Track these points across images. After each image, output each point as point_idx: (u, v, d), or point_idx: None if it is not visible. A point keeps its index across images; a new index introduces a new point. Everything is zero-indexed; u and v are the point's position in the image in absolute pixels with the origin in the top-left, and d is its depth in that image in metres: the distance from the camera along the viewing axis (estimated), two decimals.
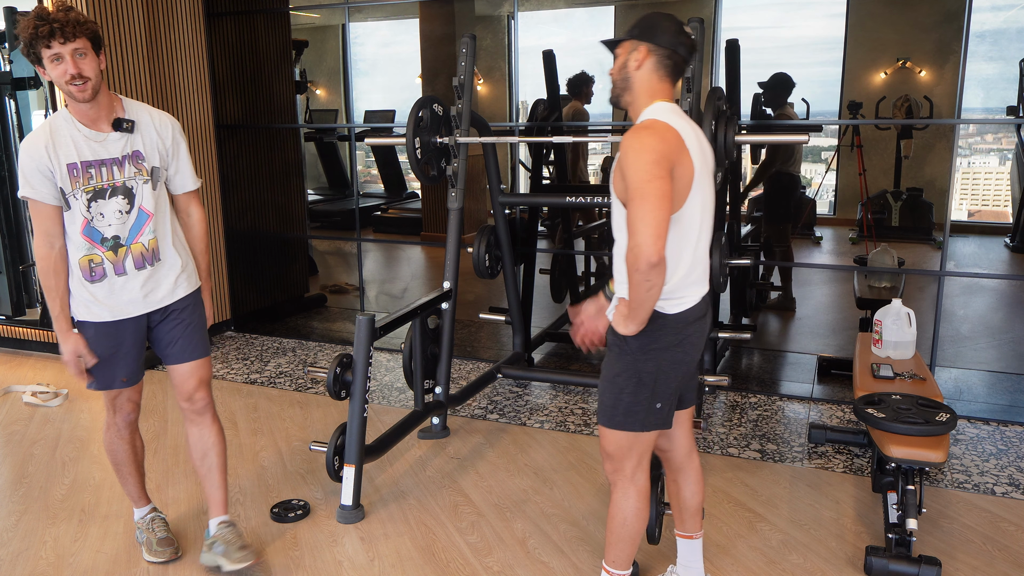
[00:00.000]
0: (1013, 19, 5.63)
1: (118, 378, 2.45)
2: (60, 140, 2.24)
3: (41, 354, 4.95)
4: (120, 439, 2.58)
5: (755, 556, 2.62)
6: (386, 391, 4.27)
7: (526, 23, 6.13)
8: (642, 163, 1.84)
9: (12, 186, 4.98)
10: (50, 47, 2.12)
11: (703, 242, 2.03)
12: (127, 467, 2.62)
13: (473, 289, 5.91)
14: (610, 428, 2.06)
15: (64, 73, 2.15)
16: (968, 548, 2.66)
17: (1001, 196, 6.65)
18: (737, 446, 3.47)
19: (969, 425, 3.70)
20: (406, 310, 3.19)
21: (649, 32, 1.95)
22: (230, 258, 5.34)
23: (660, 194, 1.82)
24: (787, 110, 4.80)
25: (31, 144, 2.23)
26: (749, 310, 5.12)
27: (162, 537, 2.63)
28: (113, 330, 2.39)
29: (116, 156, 2.29)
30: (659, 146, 1.86)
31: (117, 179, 2.29)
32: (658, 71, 1.97)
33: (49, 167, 2.22)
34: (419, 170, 3.42)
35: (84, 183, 2.25)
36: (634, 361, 2.00)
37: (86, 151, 2.25)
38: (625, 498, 2.09)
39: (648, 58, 1.96)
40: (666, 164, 1.85)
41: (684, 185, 1.91)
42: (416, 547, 2.70)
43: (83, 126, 2.26)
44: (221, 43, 5.25)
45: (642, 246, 1.81)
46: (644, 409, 2.02)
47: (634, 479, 2.08)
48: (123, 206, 2.31)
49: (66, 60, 2.14)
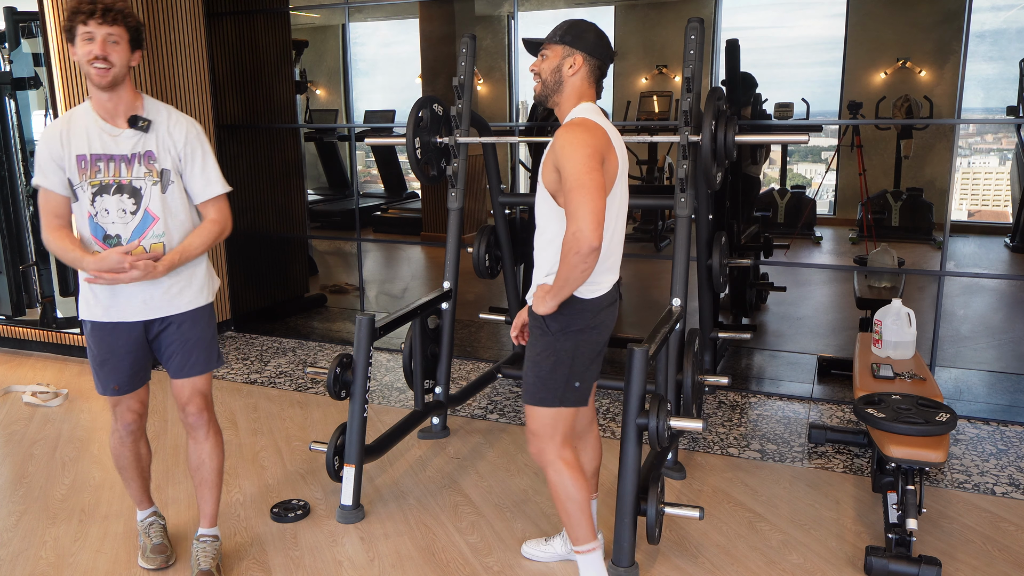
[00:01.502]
0: (1013, 19, 5.63)
1: (110, 385, 2.39)
2: (75, 130, 2.23)
3: (41, 354, 4.95)
4: (122, 445, 2.52)
5: (755, 556, 2.62)
6: (386, 391, 4.27)
7: (526, 23, 6.14)
8: (579, 156, 1.99)
9: (12, 186, 4.98)
10: (86, 24, 2.13)
11: (618, 233, 2.21)
12: (129, 472, 2.58)
13: (473, 289, 5.91)
14: (532, 405, 2.21)
15: (89, 52, 2.14)
16: (968, 548, 2.66)
17: (1001, 196, 6.66)
18: (737, 446, 3.47)
19: (969, 425, 3.70)
20: (406, 310, 3.19)
21: (582, 42, 2.13)
22: (230, 258, 5.35)
23: (597, 185, 1.98)
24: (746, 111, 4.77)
25: (48, 132, 2.24)
26: (749, 310, 5.12)
27: (156, 544, 2.59)
28: (107, 334, 2.34)
29: (126, 153, 2.25)
30: (592, 141, 2.02)
31: (124, 177, 2.24)
32: (588, 78, 2.16)
33: (61, 156, 2.22)
34: (419, 170, 3.42)
35: (91, 176, 2.23)
36: (553, 341, 2.17)
37: (97, 144, 2.23)
38: (559, 474, 2.22)
39: (583, 66, 2.15)
40: (599, 157, 2.02)
41: (610, 179, 2.08)
42: (416, 547, 2.70)
43: (100, 119, 2.24)
44: (221, 43, 5.25)
45: (584, 231, 1.95)
46: (562, 386, 2.19)
47: (561, 455, 2.22)
48: (128, 205, 2.26)
49: (96, 41, 2.13)
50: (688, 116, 2.96)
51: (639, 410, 2.41)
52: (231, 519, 2.90)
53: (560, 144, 2.02)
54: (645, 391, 2.44)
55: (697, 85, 3.01)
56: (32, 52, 4.75)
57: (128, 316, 2.32)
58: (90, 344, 2.38)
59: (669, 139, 3.12)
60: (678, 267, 3.01)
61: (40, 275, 5.03)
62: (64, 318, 4.91)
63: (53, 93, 4.41)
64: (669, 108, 6.57)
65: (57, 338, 4.88)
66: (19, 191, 4.98)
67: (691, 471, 3.22)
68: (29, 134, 4.93)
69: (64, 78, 4.37)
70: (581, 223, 1.95)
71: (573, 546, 2.28)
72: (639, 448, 2.44)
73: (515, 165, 5.51)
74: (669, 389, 2.94)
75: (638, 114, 6.75)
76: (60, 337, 4.86)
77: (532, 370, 2.21)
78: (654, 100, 6.72)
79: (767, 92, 4.91)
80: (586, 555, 2.27)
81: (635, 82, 6.70)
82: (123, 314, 2.31)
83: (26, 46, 4.76)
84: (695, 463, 3.30)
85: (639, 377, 2.42)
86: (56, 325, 4.92)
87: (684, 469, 3.20)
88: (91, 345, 2.38)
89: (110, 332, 2.33)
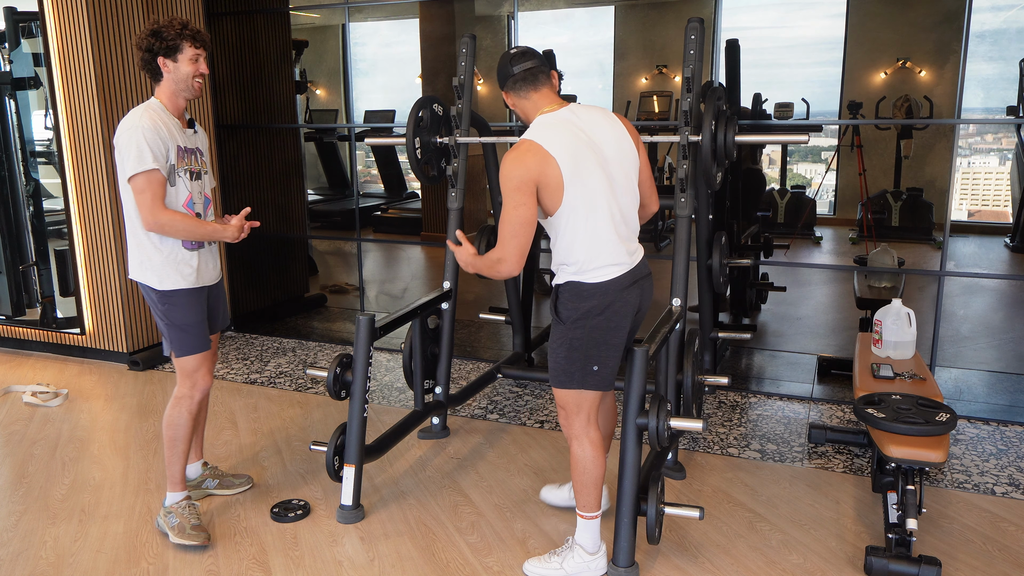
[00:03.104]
0: (1013, 19, 5.63)
1: (206, 340, 2.76)
2: (167, 124, 2.61)
3: (41, 354, 4.95)
4: (189, 413, 2.76)
5: (755, 556, 2.62)
6: (386, 391, 4.27)
7: (526, 23, 6.14)
8: (507, 190, 2.22)
9: (12, 186, 4.98)
10: (196, 48, 2.63)
11: (602, 226, 2.30)
12: (184, 443, 2.77)
13: (473, 289, 5.91)
14: (555, 387, 2.43)
15: (197, 70, 2.64)
16: (968, 548, 2.66)
17: (1001, 196, 6.66)
18: (737, 446, 3.47)
19: (969, 425, 3.70)
20: (406, 310, 3.19)
21: (500, 81, 2.38)
22: (230, 258, 5.34)
23: (521, 220, 2.21)
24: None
25: (153, 123, 2.56)
26: (749, 309, 5.12)
27: (196, 523, 2.71)
28: (198, 296, 2.72)
29: (195, 147, 2.72)
30: (518, 172, 2.21)
31: (198, 166, 2.72)
32: (522, 99, 2.36)
33: (167, 143, 2.59)
34: (419, 170, 3.42)
35: (187, 163, 2.67)
36: (566, 330, 2.35)
37: (181, 138, 2.66)
38: (582, 448, 2.42)
39: (511, 98, 2.38)
40: (527, 188, 2.21)
41: (553, 188, 2.23)
42: (416, 547, 2.71)
43: (174, 117, 2.66)
44: (221, 43, 5.25)
45: (507, 261, 2.24)
46: (579, 371, 2.36)
47: (587, 433, 2.42)
48: (204, 189, 2.75)
49: (201, 61, 2.65)
50: (688, 116, 2.96)
51: (639, 410, 2.42)
52: (231, 519, 2.90)
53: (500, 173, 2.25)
54: (645, 391, 2.44)
55: (697, 85, 3.01)
56: (32, 52, 4.75)
57: (212, 279, 2.79)
58: (185, 311, 2.69)
59: (669, 139, 3.12)
60: (678, 267, 3.01)
61: (40, 275, 5.03)
62: (64, 318, 4.91)
63: (53, 93, 4.42)
64: (669, 108, 6.57)
65: (57, 338, 4.88)
66: (19, 191, 4.98)
67: (691, 471, 3.22)
68: (29, 134, 4.93)
69: (64, 78, 4.37)
70: (504, 253, 2.24)
71: (579, 510, 2.47)
72: (639, 448, 2.44)
73: None
74: (669, 389, 2.94)
75: (638, 114, 6.75)
76: (60, 337, 4.86)
77: (552, 356, 2.41)
78: (654, 100, 6.72)
79: (767, 92, 4.91)
80: (587, 521, 2.46)
81: (635, 82, 6.70)
82: (212, 277, 2.78)
83: (26, 46, 4.76)
84: (695, 463, 3.30)
85: (639, 377, 2.42)
86: (56, 325, 4.92)
87: (684, 469, 3.20)
88: (187, 311, 2.69)
89: (198, 295, 2.73)
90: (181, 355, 2.72)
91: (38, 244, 5.02)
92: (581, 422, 2.41)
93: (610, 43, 6.83)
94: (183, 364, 2.73)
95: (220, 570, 2.58)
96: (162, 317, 2.69)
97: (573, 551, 2.47)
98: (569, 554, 2.47)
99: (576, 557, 2.45)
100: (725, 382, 3.19)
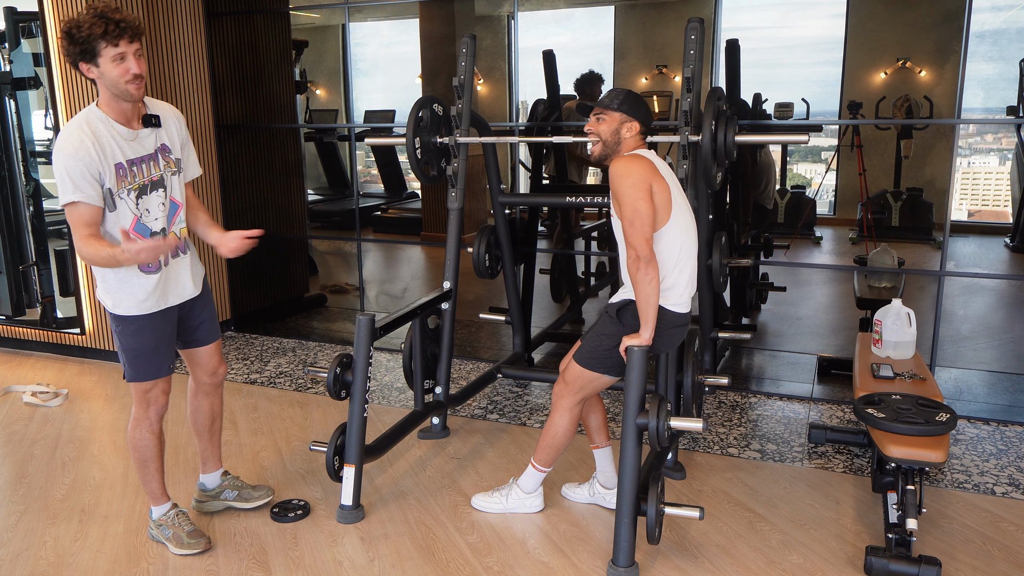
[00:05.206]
0: (1013, 19, 5.63)
1: (165, 367, 2.56)
2: (102, 140, 2.29)
3: (41, 354, 4.95)
4: (151, 433, 2.60)
5: (755, 556, 2.62)
6: (386, 391, 4.27)
7: (526, 23, 6.14)
8: (624, 187, 2.42)
9: (12, 186, 4.98)
10: (117, 46, 2.21)
11: (685, 255, 2.56)
12: (154, 463, 2.64)
13: (473, 289, 5.91)
14: (580, 365, 2.63)
15: (126, 72, 2.24)
16: (968, 548, 2.66)
17: (1001, 196, 6.65)
18: (737, 446, 3.47)
19: (969, 425, 3.70)
20: (406, 310, 3.19)
21: (638, 112, 2.56)
22: (230, 258, 5.34)
23: (641, 214, 2.40)
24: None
25: (77, 146, 2.24)
26: (749, 309, 5.12)
27: (191, 530, 2.67)
28: (160, 320, 2.50)
29: (151, 152, 2.40)
30: (635, 169, 2.43)
31: (154, 174, 2.41)
32: (639, 138, 2.60)
33: (99, 168, 2.27)
34: (419, 170, 3.42)
35: (130, 181, 2.34)
36: (620, 331, 2.56)
37: (127, 150, 2.34)
38: (563, 419, 2.70)
39: (629, 128, 2.57)
40: (643, 185, 2.42)
41: (661, 203, 2.45)
42: (416, 547, 2.70)
43: (118, 124, 2.33)
44: (221, 43, 5.24)
45: (641, 257, 2.41)
46: (609, 363, 2.59)
47: (572, 408, 2.69)
48: (162, 199, 2.44)
49: (129, 59, 2.24)
50: (688, 116, 2.96)
51: (639, 410, 2.42)
52: (231, 519, 2.90)
53: (612, 175, 2.45)
54: (645, 391, 2.44)
55: (697, 85, 3.01)
56: (32, 52, 4.75)
57: (185, 295, 2.55)
58: (138, 338, 2.47)
59: (669, 139, 3.12)
60: None
61: (40, 275, 5.03)
62: (64, 318, 4.91)
63: (53, 93, 4.42)
64: (669, 108, 6.56)
65: (57, 338, 4.88)
66: (19, 191, 4.98)
67: (691, 471, 3.22)
68: (29, 134, 4.93)
69: (64, 78, 4.37)
70: (637, 251, 2.41)
71: (534, 460, 2.80)
72: (639, 448, 2.45)
73: (515, 165, 5.50)
74: (669, 389, 2.94)
75: None
76: (60, 337, 4.86)
77: (592, 342, 2.61)
78: (654, 100, 6.72)
79: (767, 92, 4.90)
80: (535, 471, 2.82)
81: (635, 82, 6.70)
82: (181, 295, 2.54)
83: (26, 46, 4.76)
84: (695, 463, 3.30)
85: (639, 377, 2.42)
86: (56, 325, 4.92)
87: (684, 469, 3.20)
88: (140, 338, 2.47)
89: (162, 318, 2.51)
90: (131, 380, 2.53)
91: (38, 244, 5.02)
92: (575, 398, 2.67)
93: (610, 43, 6.82)
94: (134, 387, 2.55)
95: (220, 570, 2.58)
96: (116, 338, 2.52)
97: (512, 489, 2.88)
98: (509, 491, 2.88)
99: (514, 494, 2.87)
100: (725, 382, 3.19)
